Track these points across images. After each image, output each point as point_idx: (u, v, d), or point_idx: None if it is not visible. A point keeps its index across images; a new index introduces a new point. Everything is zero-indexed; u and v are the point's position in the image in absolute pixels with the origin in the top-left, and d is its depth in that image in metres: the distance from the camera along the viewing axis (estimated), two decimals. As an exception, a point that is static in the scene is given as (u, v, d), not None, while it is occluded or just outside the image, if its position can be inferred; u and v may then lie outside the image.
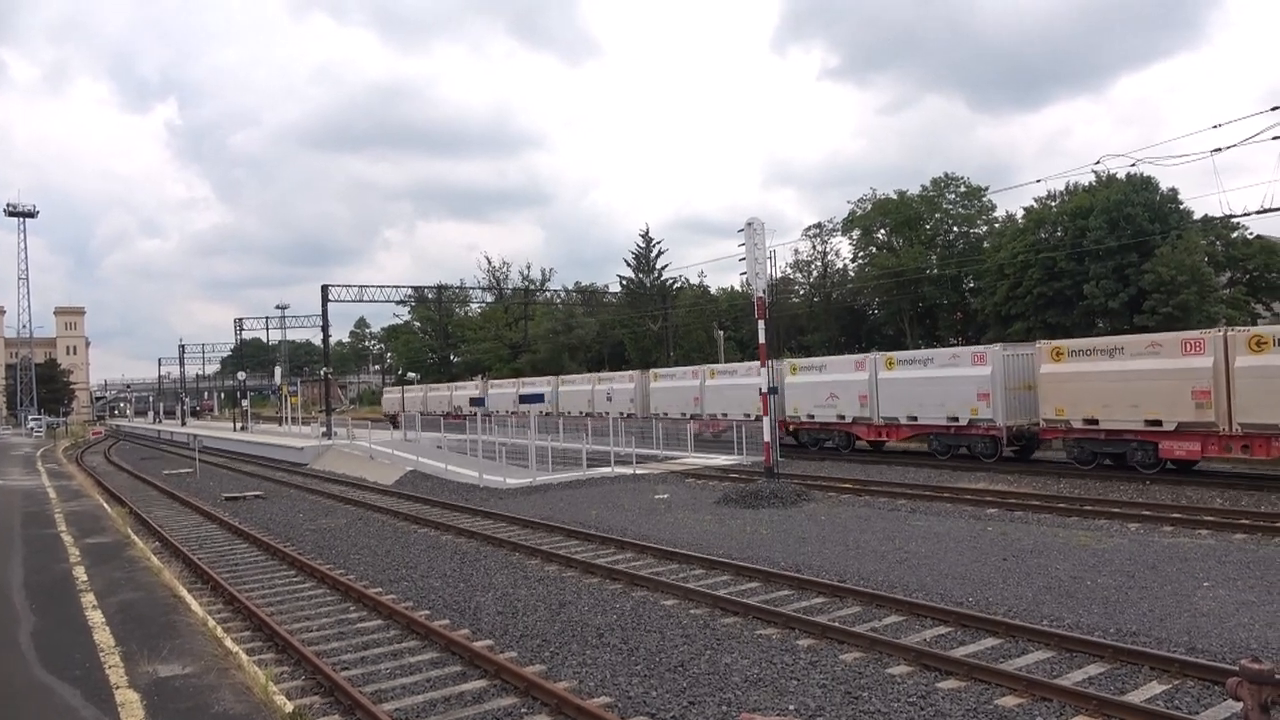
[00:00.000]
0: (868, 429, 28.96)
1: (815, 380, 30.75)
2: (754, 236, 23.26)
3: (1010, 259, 47.17)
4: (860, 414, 28.94)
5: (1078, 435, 22.77)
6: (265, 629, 10.75)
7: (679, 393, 38.72)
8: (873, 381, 28.55)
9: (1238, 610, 10.12)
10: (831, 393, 29.91)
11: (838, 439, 30.30)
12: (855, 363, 29.69)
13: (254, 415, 74.18)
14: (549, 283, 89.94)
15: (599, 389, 45.29)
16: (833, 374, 30.28)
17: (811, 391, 30.66)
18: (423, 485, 26.95)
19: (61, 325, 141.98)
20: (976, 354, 26.09)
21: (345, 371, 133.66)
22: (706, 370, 38.26)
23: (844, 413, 29.54)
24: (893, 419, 28.00)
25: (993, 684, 8.06)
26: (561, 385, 49.63)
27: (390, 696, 8.43)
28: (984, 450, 25.33)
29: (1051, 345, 23.83)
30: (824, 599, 11.45)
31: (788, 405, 31.29)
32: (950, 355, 27.30)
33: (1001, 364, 25.01)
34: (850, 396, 29.22)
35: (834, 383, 29.89)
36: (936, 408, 26.39)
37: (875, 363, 28.78)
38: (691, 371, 39.79)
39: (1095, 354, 22.61)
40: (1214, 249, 43.02)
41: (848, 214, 64.17)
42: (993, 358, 25.21)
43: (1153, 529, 15.39)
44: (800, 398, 31.14)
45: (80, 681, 7.87)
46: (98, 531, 17.76)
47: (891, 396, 27.95)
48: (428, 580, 13.61)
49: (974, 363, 25.79)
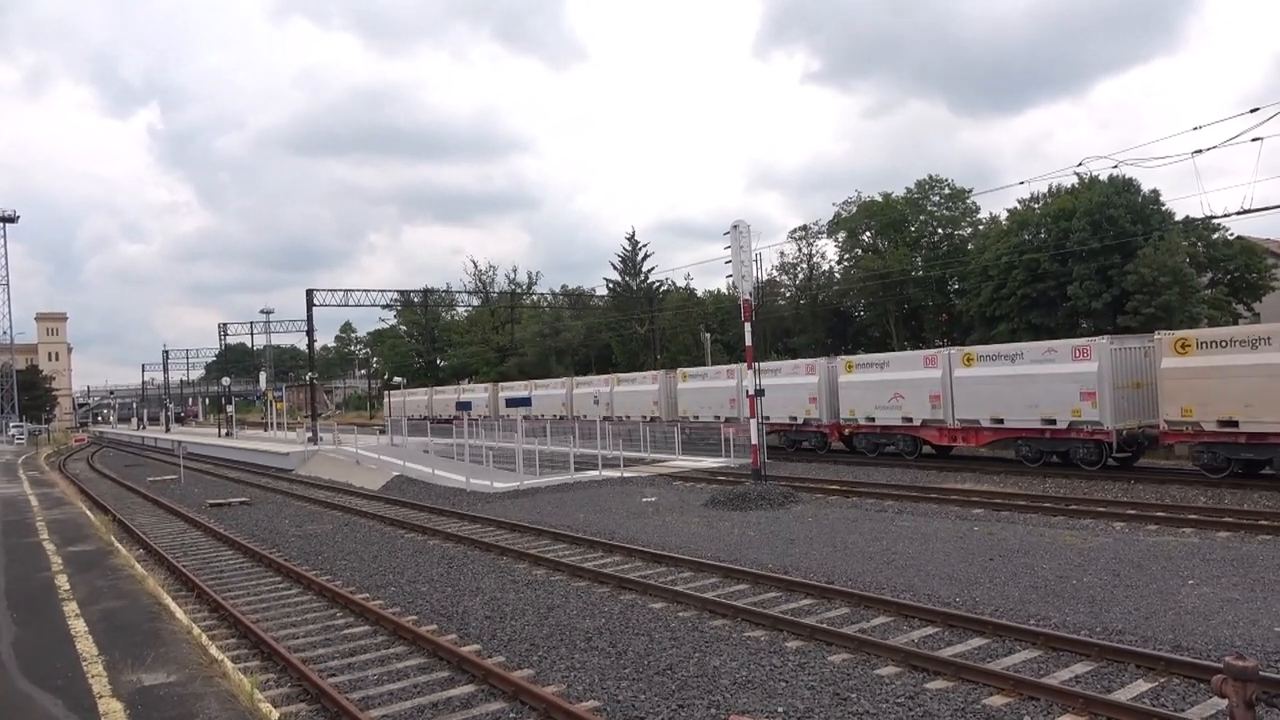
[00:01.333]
0: (940, 432, 26.39)
1: (876, 379, 28.23)
2: (740, 239, 23.30)
3: (995, 260, 47.40)
4: (931, 416, 26.32)
5: (1209, 439, 20.10)
6: (251, 636, 10.67)
7: (711, 394, 35.78)
8: (946, 379, 25.93)
9: (1222, 608, 10.19)
10: (896, 392, 27.32)
11: (902, 444, 27.90)
12: (925, 359, 27.14)
13: (239, 421, 73.69)
14: (536, 286, 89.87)
15: (618, 390, 43.53)
16: (897, 371, 27.73)
17: (872, 391, 28.18)
18: (409, 490, 26.83)
19: (43, 331, 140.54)
20: (1078, 348, 23.25)
21: (331, 376, 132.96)
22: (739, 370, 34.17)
23: (911, 414, 26.94)
24: (971, 421, 25.33)
25: (980, 684, 8.08)
26: (576, 388, 47.33)
27: (377, 703, 8.38)
28: (1086, 457, 22.70)
29: (1175, 337, 21.13)
30: (812, 600, 11.46)
31: (842, 407, 29.31)
32: (1045, 350, 24.24)
33: (1109, 359, 22.39)
34: (919, 396, 26.62)
35: (899, 381, 27.30)
36: (1027, 409, 23.71)
37: (950, 359, 26.23)
38: (726, 370, 36.43)
39: (1233, 345, 19.86)
40: (1195, 250, 43.35)
41: (833, 216, 64.38)
42: (1099, 352, 22.56)
43: (1137, 528, 15.49)
44: (858, 398, 28.71)
45: (62, 691, 7.79)
46: (80, 539, 17.59)
47: (971, 396, 25.25)
48: (415, 585, 13.54)
49: (1075, 358, 23.01)
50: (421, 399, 68.35)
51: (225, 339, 78.32)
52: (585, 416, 41.64)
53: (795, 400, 30.95)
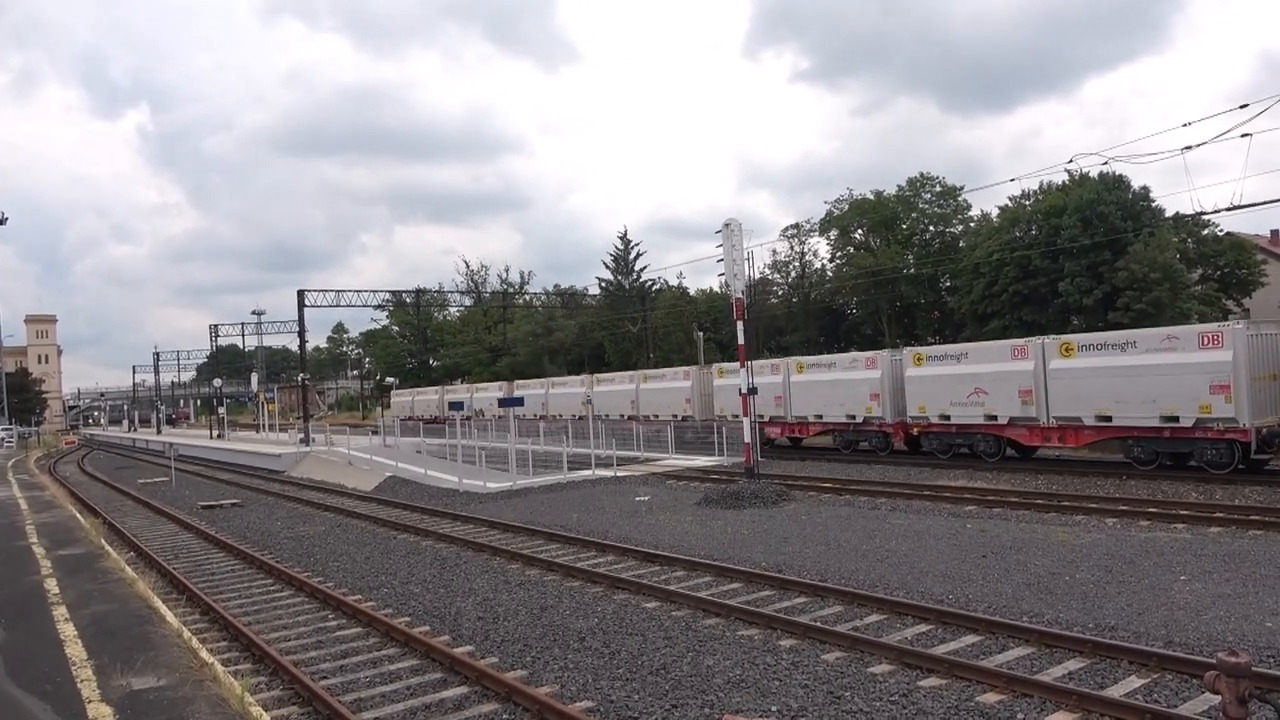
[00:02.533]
0: (1030, 431, 23.77)
1: (952, 373, 25.49)
2: (731, 238, 23.28)
3: (986, 258, 47.56)
4: (1021, 413, 23.66)
5: None
6: (242, 639, 10.61)
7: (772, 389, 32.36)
8: (1039, 372, 23.26)
9: (1214, 603, 10.21)
10: (977, 387, 24.58)
11: (982, 444, 25.07)
12: (1014, 349, 24.29)
13: (231, 422, 73.44)
14: (528, 286, 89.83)
15: (645, 387, 40.92)
16: (979, 364, 24.94)
17: (946, 386, 25.48)
18: (402, 491, 26.75)
19: (32, 333, 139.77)
20: (1206, 334, 20.72)
21: (323, 377, 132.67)
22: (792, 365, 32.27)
23: (996, 411, 24.29)
24: (1072, 419, 22.63)
25: (974, 681, 8.08)
26: (597, 385, 45.15)
27: (369, 705, 8.34)
28: (1215, 459, 20.20)
29: None
30: (805, 599, 11.45)
31: (910, 403, 26.70)
32: (1163, 337, 21.57)
33: (1245, 346, 19.89)
34: (1005, 391, 23.93)
35: (981, 375, 24.60)
36: (1144, 404, 21.10)
37: (1044, 349, 23.39)
38: (771, 366, 33.41)
39: None
40: (1185, 246, 43.56)
41: (825, 214, 64.49)
42: (1232, 338, 20.03)
43: (1129, 523, 15.52)
44: (929, 394, 25.99)
45: (51, 696, 7.71)
46: (70, 543, 17.47)
47: (1071, 390, 22.60)
48: (407, 586, 13.49)
49: (1203, 345, 20.40)
50: (432, 398, 65.16)
51: (216, 340, 78.20)
52: (607, 416, 39.82)
53: (853, 397, 28.56)
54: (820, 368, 30.83)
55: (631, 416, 39.34)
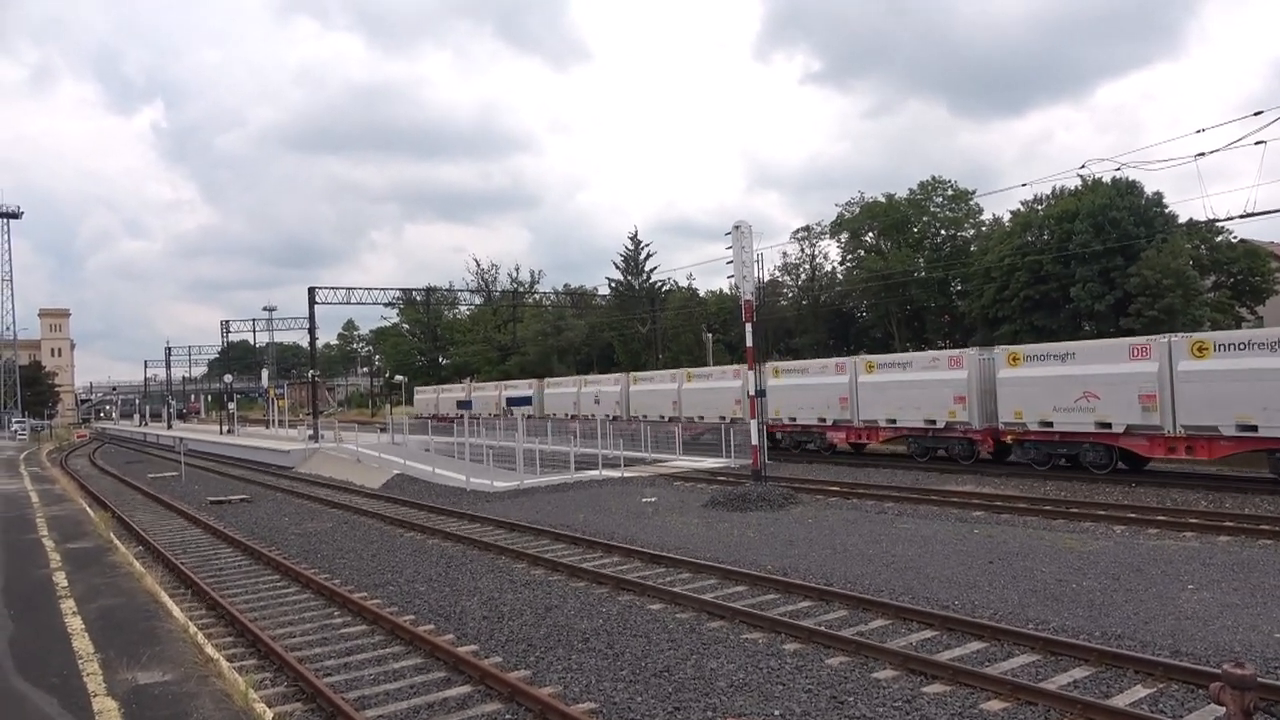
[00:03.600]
0: (1153, 442, 21.01)
1: (1056, 374, 22.97)
2: (741, 240, 23.25)
3: (997, 262, 47.44)
4: (1141, 420, 21.06)
5: None
6: (247, 635, 10.65)
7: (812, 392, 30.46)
8: (1165, 375, 20.69)
9: (1222, 613, 10.15)
10: (1087, 391, 22.09)
11: (1091, 454, 22.42)
12: (1133, 349, 21.62)
13: (241, 418, 73.77)
14: (538, 285, 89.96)
15: (689, 387, 37.71)
16: (1089, 365, 22.36)
17: (1048, 390, 23.05)
18: (409, 489, 26.82)
19: (46, 327, 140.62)
20: None
21: (333, 374, 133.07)
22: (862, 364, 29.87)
23: (1110, 419, 21.65)
24: (1206, 428, 19.87)
25: (978, 688, 8.05)
26: (633, 385, 42.52)
27: (373, 703, 8.36)
28: None
29: None
30: (810, 603, 11.43)
31: (1002, 408, 24.29)
32: None
33: None
34: (1122, 396, 21.40)
35: (1093, 377, 22.11)
36: None
37: (1171, 349, 20.75)
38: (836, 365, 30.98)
39: None
40: (1199, 253, 43.36)
41: (835, 217, 64.42)
42: None
43: (1138, 531, 15.44)
44: (1027, 398, 23.56)
45: (57, 690, 7.77)
46: (80, 536, 17.58)
47: (1205, 396, 19.93)
48: (413, 585, 13.52)
49: None
50: (459, 396, 59.99)
51: (227, 336, 78.43)
52: (645, 417, 37.69)
53: (933, 399, 26.19)
54: (894, 367, 28.43)
55: (673, 418, 36.82)
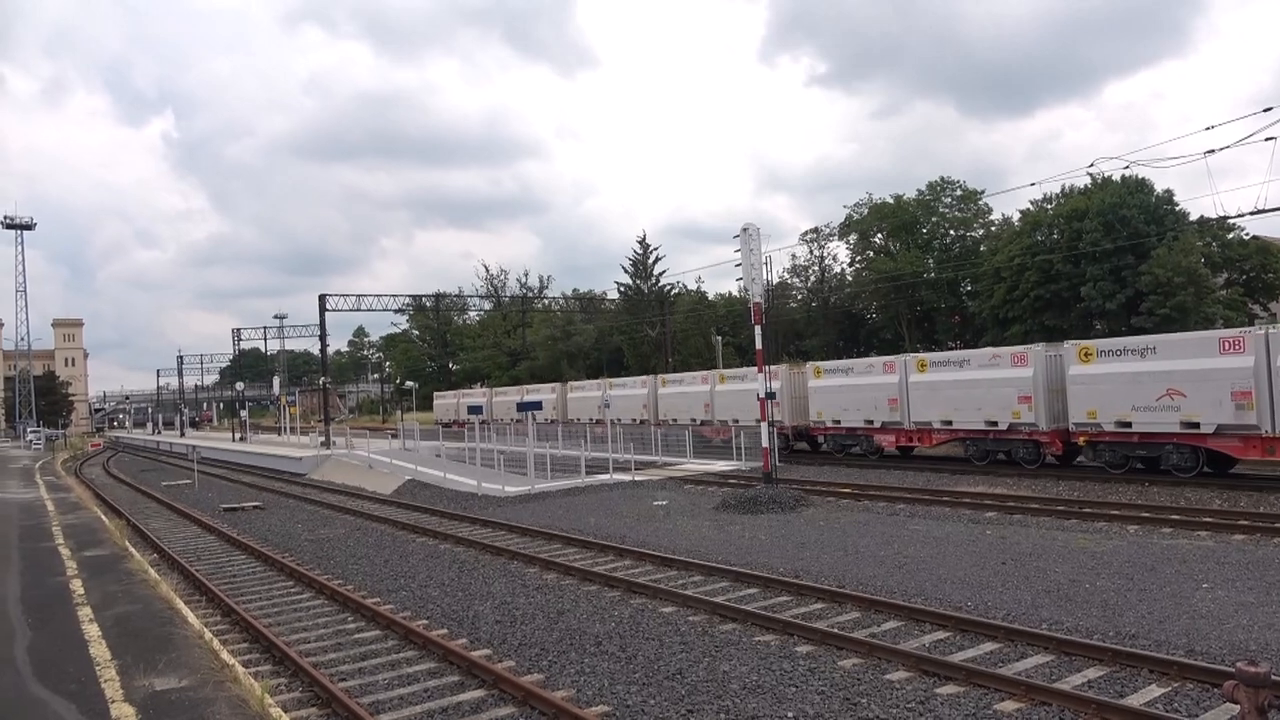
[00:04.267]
0: (1247, 443, 19.42)
1: (1135, 370, 21.32)
2: (750, 242, 23.26)
3: (1007, 262, 47.30)
4: (1235, 420, 19.53)
5: None
6: (262, 640, 10.72)
7: (859, 393, 29.28)
8: (1261, 370, 19.08)
9: (1236, 612, 10.10)
10: (1171, 388, 20.54)
11: (1175, 456, 20.86)
12: (1224, 342, 20.05)
13: (253, 425, 74.11)
14: (547, 290, 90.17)
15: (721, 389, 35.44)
16: (1172, 360, 20.75)
17: (1127, 387, 21.36)
18: (421, 494, 26.91)
19: (60, 337, 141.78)
20: None
21: (344, 381, 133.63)
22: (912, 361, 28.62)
23: (1199, 418, 20.12)
24: None
25: (992, 689, 8.04)
26: (662, 387, 41.34)
27: (388, 707, 8.40)
28: None
29: None
30: (823, 605, 11.43)
31: (1074, 408, 22.68)
32: None
33: None
34: (1212, 394, 19.83)
35: (1177, 373, 20.47)
36: None
37: (1269, 341, 19.16)
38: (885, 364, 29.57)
39: None
40: (1210, 250, 43.12)
41: (844, 218, 64.35)
42: None
43: (1151, 531, 15.38)
44: (1102, 396, 21.84)
45: (76, 696, 7.84)
46: (95, 544, 17.71)
47: None
48: (426, 589, 13.57)
49: None
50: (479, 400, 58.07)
51: (239, 344, 79.07)
52: (675, 421, 36.54)
53: (994, 399, 24.71)
54: (949, 366, 26.91)
55: (705, 421, 35.58)
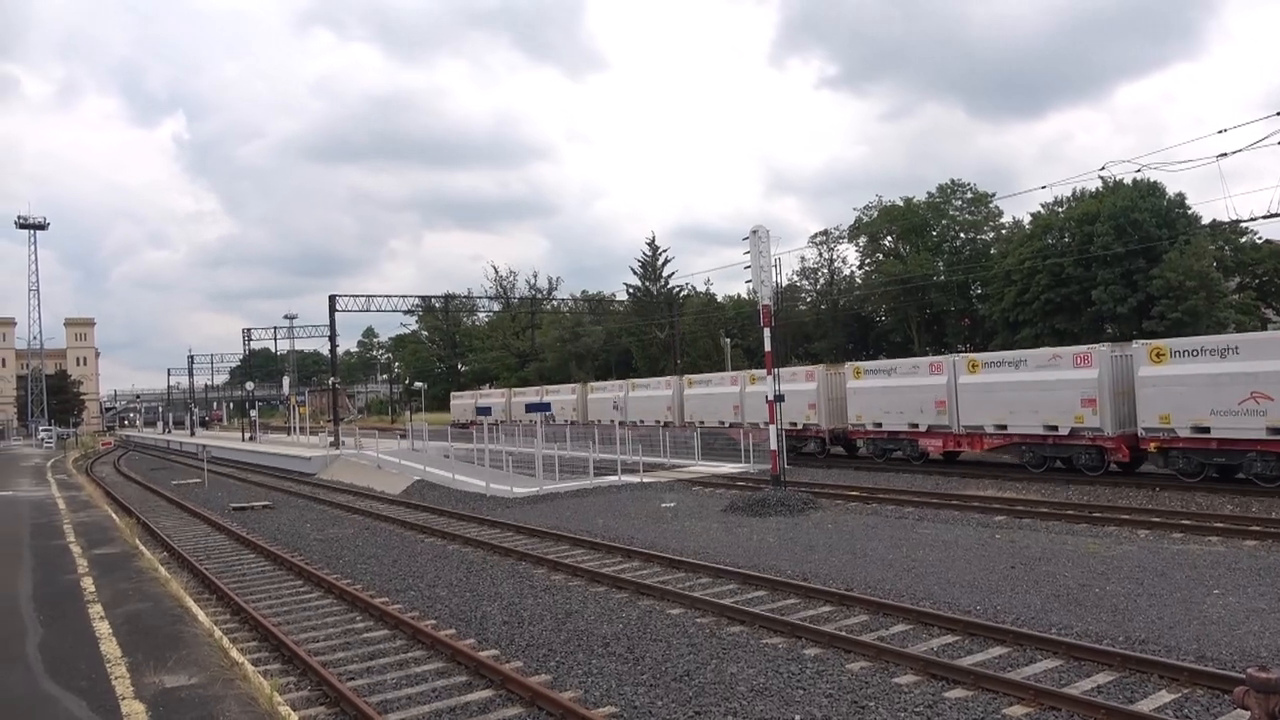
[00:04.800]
0: None
1: (1215, 372, 19.61)
2: (759, 244, 23.24)
3: (1017, 265, 47.15)
4: None
5: None
6: (271, 639, 10.76)
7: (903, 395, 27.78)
8: None
9: (1248, 618, 10.04)
10: (1255, 391, 19.04)
11: (1259, 463, 19.26)
12: None
13: (262, 425, 74.45)
14: (556, 292, 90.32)
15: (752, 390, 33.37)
16: (1257, 360, 19.21)
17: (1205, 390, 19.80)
18: (430, 495, 26.96)
19: (71, 336, 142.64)
20: None
21: (353, 381, 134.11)
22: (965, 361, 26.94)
23: None
24: None
25: (1000, 693, 8.01)
26: (688, 388, 39.33)
27: (396, 707, 8.43)
28: None
29: None
30: (831, 607, 11.41)
31: (1142, 411, 20.97)
32: None
33: None
34: None
35: (1263, 375, 18.98)
36: None
37: None
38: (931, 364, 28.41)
39: None
40: (1222, 254, 42.90)
41: (854, 221, 64.27)
42: None
43: (1162, 536, 15.29)
44: (1177, 399, 20.33)
45: (86, 692, 7.88)
46: (106, 542, 17.80)
47: None
48: (434, 590, 13.60)
49: None
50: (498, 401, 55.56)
51: (249, 344, 79.26)
52: (702, 423, 35.62)
53: (1054, 402, 23.12)
54: (1003, 366, 25.09)
55: (735, 424, 34.36)
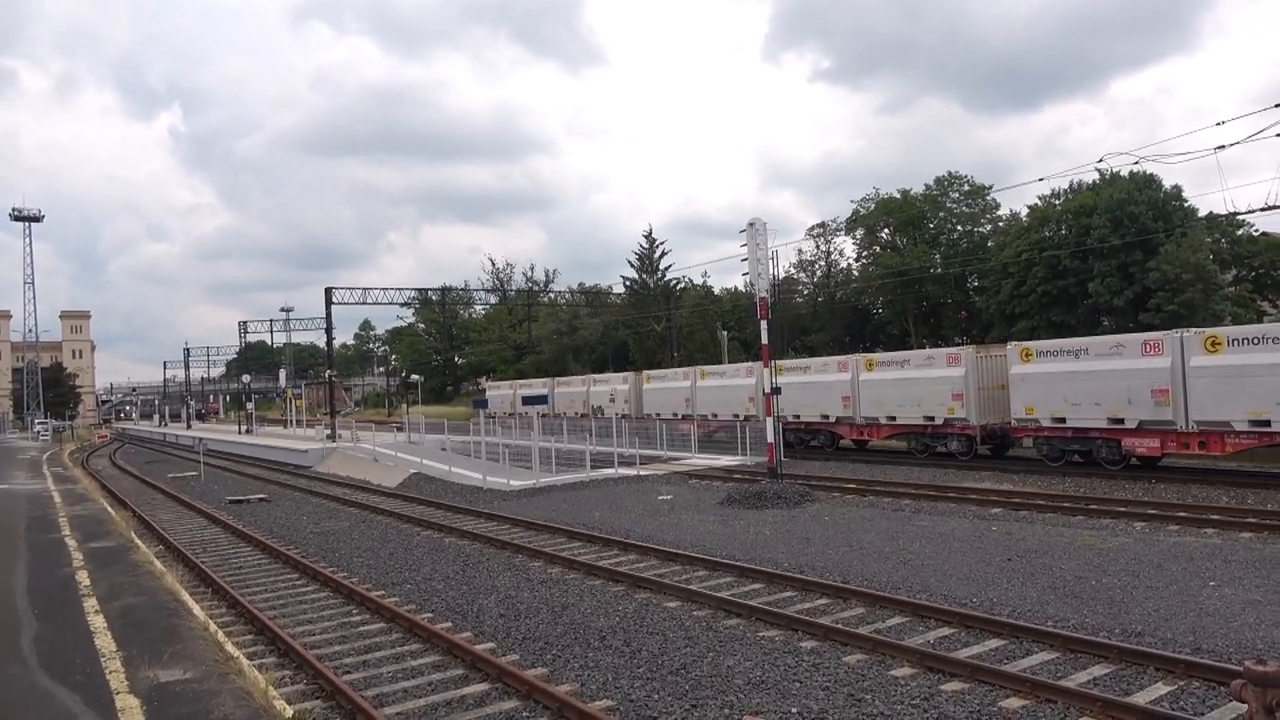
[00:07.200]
0: None
1: None
2: (756, 237, 23.22)
3: (1014, 258, 47.16)
4: None
5: None
6: (267, 633, 10.73)
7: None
8: None
9: (1244, 610, 10.05)
10: None
11: None
12: None
13: (259, 418, 74.29)
14: (553, 284, 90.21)
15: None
16: None
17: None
18: (426, 487, 26.93)
19: (67, 329, 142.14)
20: None
21: (350, 374, 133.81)
22: None
23: None
24: None
25: (997, 685, 8.01)
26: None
27: (392, 700, 8.41)
28: None
29: None
30: (827, 600, 11.40)
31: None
32: None
33: None
34: None
35: None
36: None
37: None
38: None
39: None
40: (1219, 246, 42.92)
41: (851, 213, 64.22)
42: None
43: (1158, 528, 15.31)
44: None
45: (81, 687, 7.85)
46: (101, 536, 17.75)
47: None
48: (430, 583, 13.58)
49: None
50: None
51: (246, 337, 79.06)
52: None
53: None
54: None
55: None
